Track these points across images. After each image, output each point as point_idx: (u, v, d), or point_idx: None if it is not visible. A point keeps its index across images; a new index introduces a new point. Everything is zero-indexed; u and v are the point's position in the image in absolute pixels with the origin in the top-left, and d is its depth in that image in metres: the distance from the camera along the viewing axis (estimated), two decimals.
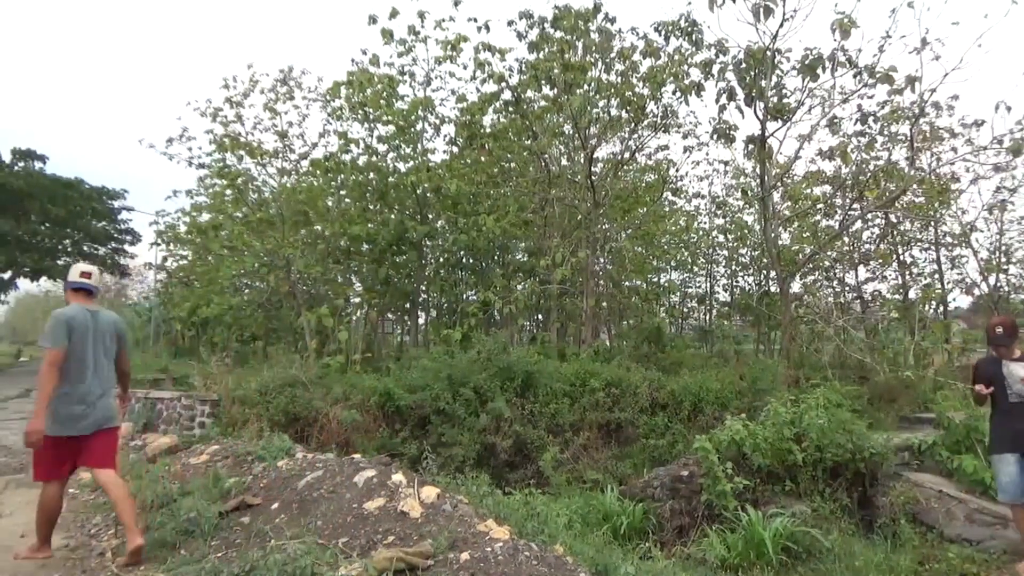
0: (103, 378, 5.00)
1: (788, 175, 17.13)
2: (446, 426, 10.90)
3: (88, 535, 5.53)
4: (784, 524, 6.66)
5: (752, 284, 24.21)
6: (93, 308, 5.12)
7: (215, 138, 16.65)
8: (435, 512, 4.70)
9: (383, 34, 16.02)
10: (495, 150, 17.17)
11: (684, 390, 12.21)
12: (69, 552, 5.12)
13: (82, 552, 5.09)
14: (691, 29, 14.69)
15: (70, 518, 6.06)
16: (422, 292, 20.32)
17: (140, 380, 13.40)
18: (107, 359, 5.08)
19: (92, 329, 4.94)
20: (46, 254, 28.71)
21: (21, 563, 4.82)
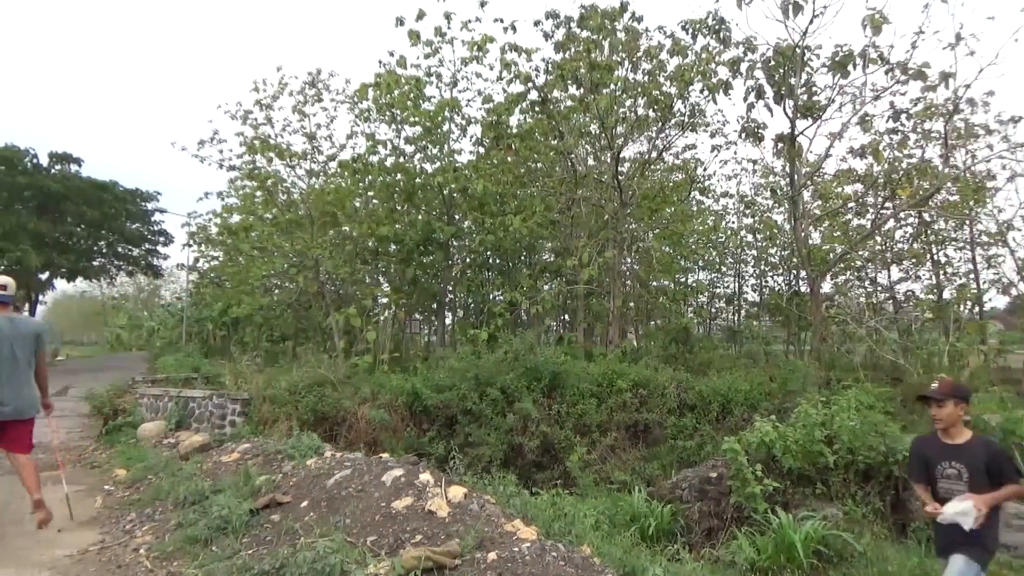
0: (19, 376, 5.42)
1: (818, 173, 16.92)
2: (473, 426, 10.93)
3: (123, 531, 5.63)
4: (815, 527, 6.57)
5: (782, 284, 24.00)
6: (10, 316, 5.57)
7: (245, 140, 16.84)
8: (462, 512, 4.72)
9: (410, 36, 16.10)
10: (521, 150, 17.16)
11: (712, 391, 12.12)
12: (104, 547, 5.21)
13: (117, 548, 5.18)
14: (719, 27, 14.58)
15: (105, 515, 6.18)
16: (449, 292, 20.39)
17: (172, 379, 13.62)
18: (24, 360, 5.50)
19: (8, 334, 5.39)
20: (82, 255, 29.30)
21: (57, 557, 4.93)
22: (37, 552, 5.06)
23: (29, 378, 5.59)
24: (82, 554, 5.03)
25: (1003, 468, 4.19)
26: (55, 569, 4.70)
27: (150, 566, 4.70)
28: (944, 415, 4.39)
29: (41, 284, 30.15)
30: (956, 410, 4.36)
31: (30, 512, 6.07)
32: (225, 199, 21.70)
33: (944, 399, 4.37)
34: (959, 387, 4.51)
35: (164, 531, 5.46)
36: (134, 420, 10.88)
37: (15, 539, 5.39)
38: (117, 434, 10.39)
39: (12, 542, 5.31)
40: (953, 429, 4.40)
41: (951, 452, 4.38)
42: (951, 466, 4.34)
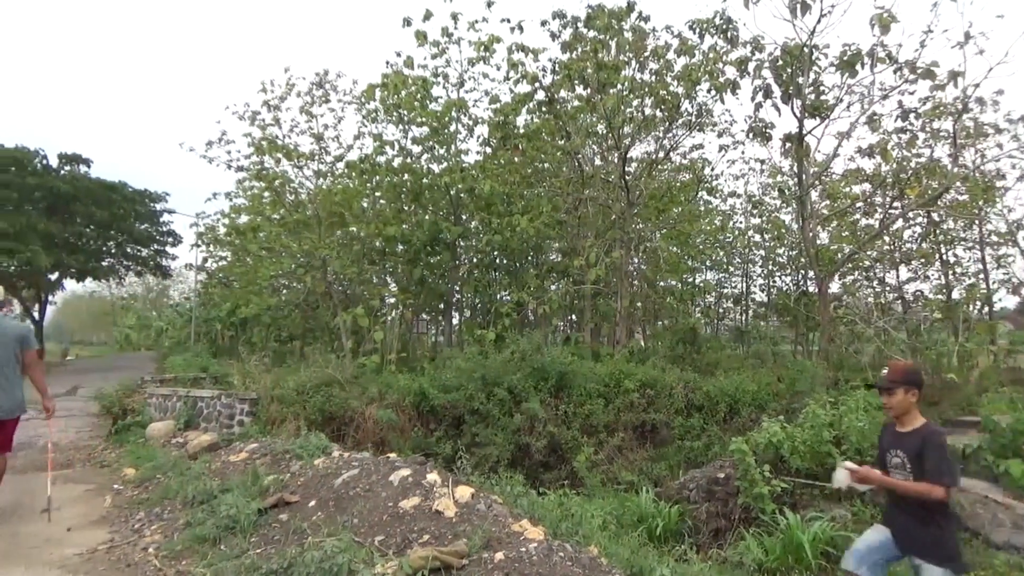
0: (5, 379, 5.75)
1: (826, 173, 16.85)
2: (480, 426, 10.94)
3: (132, 530, 5.66)
4: (823, 528, 6.56)
5: (789, 284, 23.90)
6: None
7: (253, 141, 16.89)
8: (469, 512, 4.72)
9: (417, 36, 16.13)
10: (528, 150, 17.17)
11: (720, 391, 12.10)
12: (113, 546, 5.24)
13: (126, 547, 5.21)
14: (726, 26, 14.55)
15: (115, 514, 6.21)
16: (456, 292, 20.41)
17: (181, 379, 13.68)
18: (11, 362, 5.83)
19: None
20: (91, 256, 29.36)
21: (67, 555, 4.96)
22: (47, 551, 5.10)
23: (13, 379, 5.85)
24: (91, 553, 5.06)
25: (925, 462, 4.00)
26: (65, 568, 4.73)
27: (159, 565, 4.72)
28: (894, 403, 4.24)
29: (51, 284, 30.25)
30: (907, 397, 4.19)
31: (40, 511, 6.14)
32: (233, 200, 21.78)
33: (893, 387, 4.22)
34: (909, 373, 4.31)
35: (173, 530, 5.49)
36: (143, 420, 10.94)
37: (25, 538, 5.43)
38: (126, 433, 10.45)
39: (22, 541, 5.35)
40: (906, 417, 4.24)
41: (899, 440, 4.26)
42: (896, 455, 4.22)
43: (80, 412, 13.02)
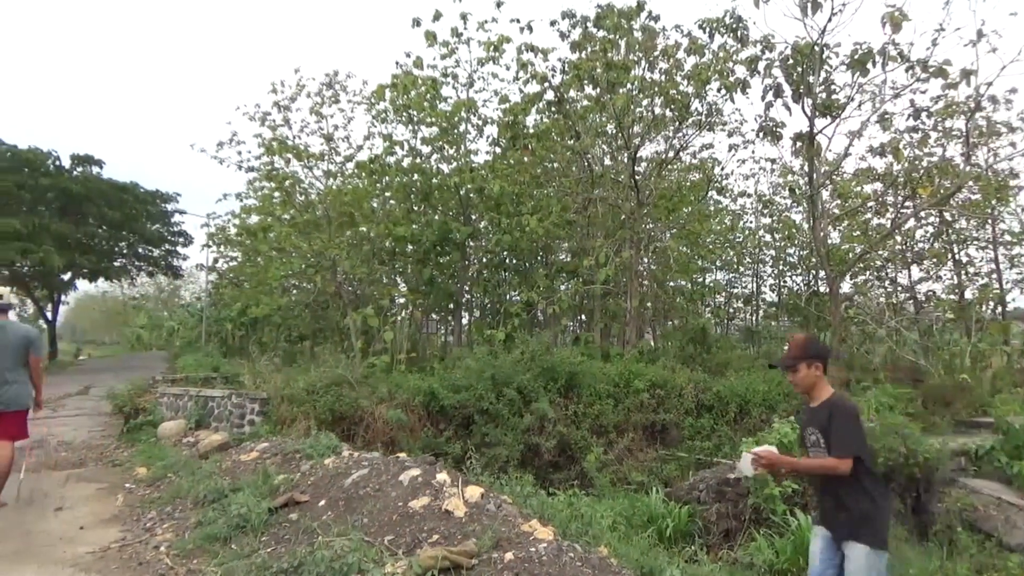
0: (7, 373, 6.23)
1: (837, 172, 16.76)
2: (490, 426, 10.94)
3: (144, 529, 5.69)
4: None
5: (800, 284, 23.80)
6: (3, 323, 6.39)
7: (263, 142, 16.98)
8: (479, 512, 4.72)
9: (426, 37, 16.15)
10: (538, 150, 17.15)
11: (730, 392, 12.07)
12: (125, 545, 5.27)
13: (138, 546, 5.24)
14: (736, 25, 14.49)
15: (126, 512, 6.25)
16: (466, 292, 20.41)
17: (192, 378, 13.75)
18: (13, 361, 6.31)
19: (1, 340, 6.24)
20: (103, 256, 29.55)
21: (79, 554, 4.99)
22: (60, 549, 5.13)
23: (21, 377, 6.38)
24: (104, 551, 5.09)
25: (830, 436, 3.81)
26: (77, 566, 4.76)
27: (170, 563, 4.75)
28: (799, 379, 4.06)
29: (64, 284, 30.47)
30: (810, 372, 4.00)
31: (53, 509, 6.19)
32: (243, 200, 21.89)
33: (795, 363, 4.03)
34: (809, 346, 4.10)
35: (184, 529, 5.52)
36: (154, 419, 11.00)
37: (38, 536, 5.47)
38: (138, 433, 10.51)
39: (35, 539, 5.39)
40: (814, 391, 4.05)
41: (811, 417, 4.07)
42: (812, 432, 4.02)
43: (92, 411, 13.11)
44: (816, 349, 4.09)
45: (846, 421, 3.79)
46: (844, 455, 3.72)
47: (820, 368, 4.03)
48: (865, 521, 3.75)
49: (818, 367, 4.02)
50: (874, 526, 3.76)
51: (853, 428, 3.78)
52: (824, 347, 4.21)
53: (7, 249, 22.62)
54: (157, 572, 4.61)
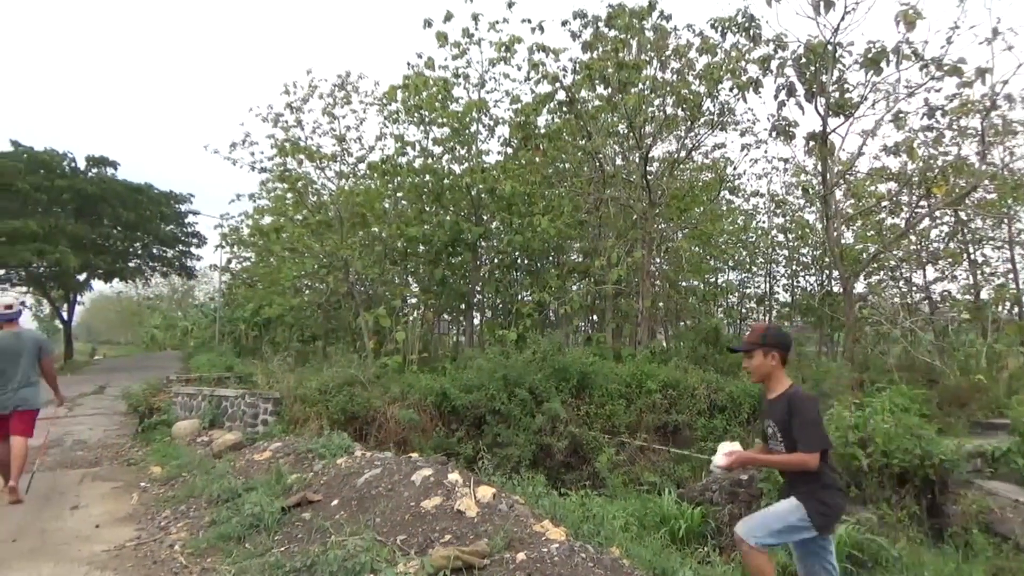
0: (21, 377, 6.73)
1: (851, 172, 16.66)
2: (501, 426, 10.94)
3: (159, 527, 5.72)
4: (849, 531, 6.47)
5: (814, 284, 23.70)
6: (16, 331, 6.90)
7: (276, 143, 17.06)
8: (491, 512, 4.72)
9: (438, 37, 16.18)
10: (549, 150, 17.16)
11: (743, 392, 12.02)
12: (140, 543, 5.31)
13: (153, 544, 5.27)
14: (748, 25, 14.44)
15: (141, 511, 6.30)
16: (477, 293, 20.44)
17: (206, 378, 13.83)
18: (28, 365, 6.80)
19: (15, 346, 6.77)
20: (118, 256, 29.80)
21: (95, 552, 5.03)
22: (76, 547, 5.17)
23: (33, 379, 6.86)
24: (119, 549, 5.13)
25: (792, 431, 3.72)
26: (93, 564, 4.79)
27: (185, 562, 4.77)
28: (753, 366, 3.95)
29: (79, 285, 30.75)
30: (766, 360, 3.89)
31: (69, 508, 6.26)
32: (256, 201, 22.00)
33: (751, 348, 3.92)
34: (768, 333, 3.96)
35: (198, 528, 5.55)
36: (169, 418, 11.07)
37: (54, 534, 5.52)
38: (152, 432, 10.58)
39: (51, 537, 5.43)
40: (770, 382, 3.94)
41: (769, 409, 3.96)
42: (769, 425, 3.95)
43: (108, 411, 13.22)
44: (775, 338, 3.95)
45: (810, 415, 3.71)
46: (811, 450, 3.65)
47: (777, 358, 3.91)
48: (817, 505, 3.72)
49: (775, 356, 3.90)
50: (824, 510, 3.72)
51: (817, 422, 3.71)
52: (784, 337, 4.03)
53: (24, 250, 22.86)
54: (171, 570, 4.63)
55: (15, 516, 6.08)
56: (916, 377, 13.26)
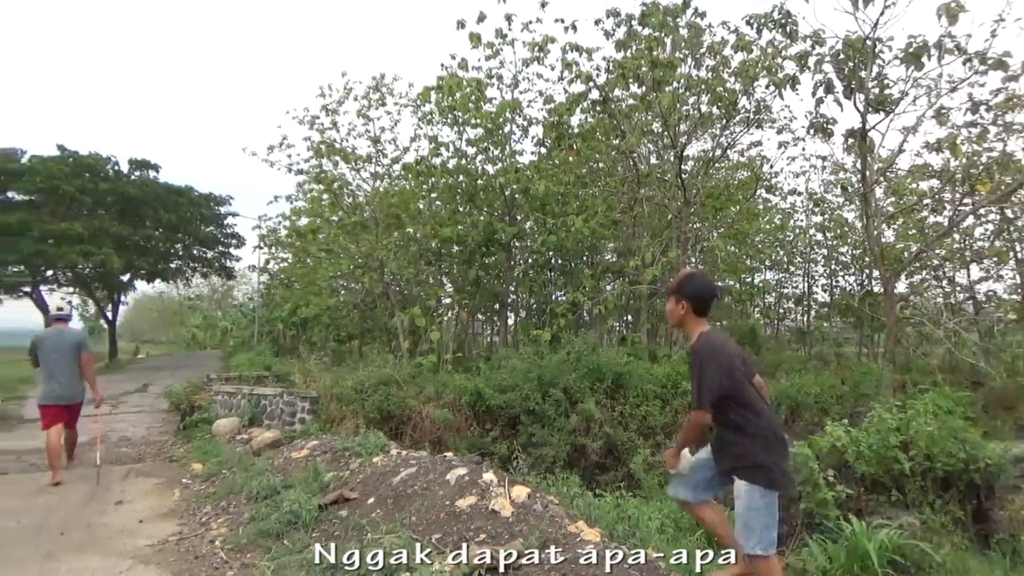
0: (65, 373, 7.51)
1: (891, 169, 16.31)
2: (536, 426, 10.95)
3: (200, 523, 5.84)
4: (891, 536, 6.34)
5: (853, 284, 23.26)
6: (60, 329, 7.72)
7: (312, 145, 17.26)
8: (525, 512, 4.73)
9: (471, 38, 16.23)
10: (583, 150, 17.10)
11: (781, 394, 11.85)
12: (183, 538, 5.42)
13: (194, 539, 5.38)
14: (785, 21, 14.22)
15: (183, 507, 6.43)
16: (511, 293, 20.47)
17: (245, 377, 14.08)
18: (70, 362, 7.57)
19: (57, 343, 7.53)
20: (160, 258, 30.48)
21: (139, 546, 5.16)
22: (120, 541, 5.30)
23: (74, 374, 7.61)
24: (162, 544, 5.24)
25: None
26: (137, 558, 4.91)
27: (225, 557, 4.86)
28: (668, 312, 3.89)
29: (123, 285, 31.52)
30: (676, 308, 3.78)
31: (114, 503, 6.42)
32: (293, 202, 22.32)
33: (669, 294, 3.85)
34: (682, 281, 3.85)
35: (238, 524, 5.64)
36: (209, 416, 11.28)
37: (100, 528, 5.66)
38: (194, 429, 10.80)
39: (98, 531, 5.58)
40: (686, 330, 3.82)
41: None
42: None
43: (150, 408, 13.54)
44: (687, 287, 3.82)
45: (695, 369, 3.57)
46: (694, 407, 3.55)
47: (686, 307, 3.78)
48: (751, 465, 3.60)
49: (684, 306, 3.78)
50: (760, 469, 3.59)
51: (700, 375, 3.53)
52: (696, 288, 3.84)
53: (70, 251, 23.49)
54: (212, 566, 4.73)
55: (63, 510, 6.26)
56: (960, 379, 12.97)
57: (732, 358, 3.66)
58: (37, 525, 5.76)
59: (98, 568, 4.68)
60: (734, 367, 3.62)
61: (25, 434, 11.09)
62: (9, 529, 5.65)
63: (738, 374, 3.63)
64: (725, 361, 3.59)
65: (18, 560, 4.85)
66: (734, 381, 3.60)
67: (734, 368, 3.61)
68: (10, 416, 13.05)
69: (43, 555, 4.95)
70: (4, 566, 4.74)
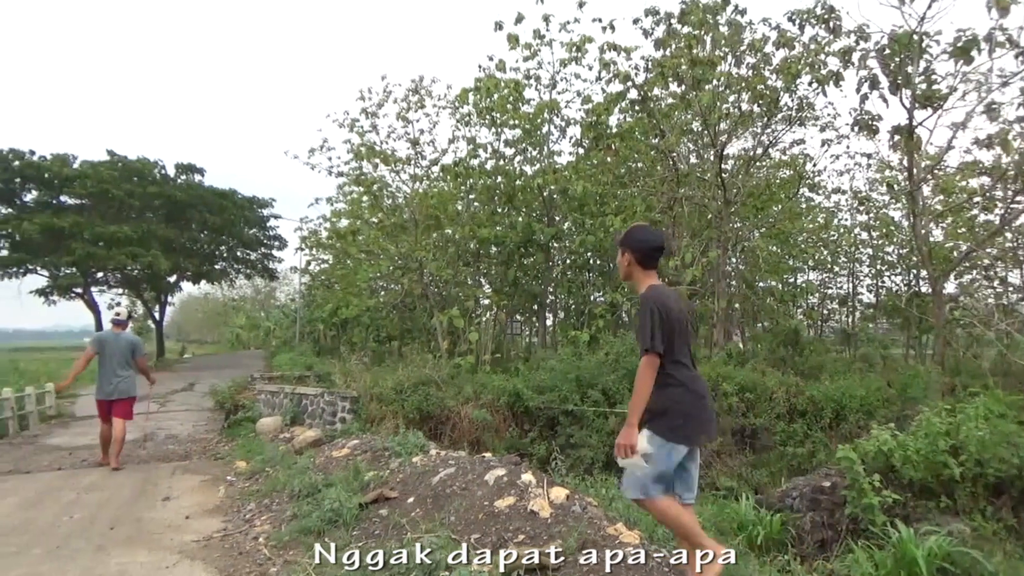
0: (120, 371, 8.43)
1: (940, 167, 15.88)
2: (574, 427, 10.92)
3: (244, 520, 5.95)
4: (940, 543, 6.18)
5: (900, 284, 22.72)
6: (117, 333, 8.71)
7: (352, 147, 17.48)
8: (564, 513, 4.71)
9: (509, 40, 16.27)
10: (621, 150, 17.01)
11: (825, 397, 11.62)
12: (227, 535, 5.54)
13: (239, 536, 5.49)
14: (828, 16, 13.96)
15: (227, 504, 6.56)
16: (549, 293, 20.46)
17: (287, 377, 14.31)
18: (125, 361, 8.51)
19: (114, 344, 8.47)
20: (205, 259, 31.17)
21: (185, 542, 5.28)
22: (168, 537, 5.43)
23: (129, 373, 8.55)
24: (207, 540, 5.36)
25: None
26: (183, 553, 5.03)
27: (268, 554, 4.95)
28: (617, 264, 3.86)
29: (169, 286, 32.29)
30: (622, 260, 3.74)
31: (162, 499, 6.59)
32: (334, 204, 22.62)
33: (618, 246, 3.79)
34: (628, 233, 3.78)
35: (280, 521, 5.74)
36: (253, 415, 11.50)
37: (148, 523, 5.81)
38: (238, 428, 11.02)
39: (146, 526, 5.72)
40: (634, 283, 3.78)
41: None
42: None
43: (196, 407, 13.85)
44: (630, 238, 3.76)
45: (644, 314, 3.53)
46: (644, 349, 3.48)
47: (630, 258, 3.72)
48: (656, 412, 3.53)
49: (628, 259, 3.73)
50: (664, 416, 3.53)
51: (651, 319, 3.48)
52: (639, 239, 3.77)
53: (120, 253, 24.16)
54: (256, 562, 4.81)
55: (113, 505, 6.45)
56: (1013, 382, 12.55)
57: (679, 313, 3.64)
58: (89, 519, 5.94)
59: (146, 562, 4.80)
60: (675, 322, 3.58)
61: (78, 431, 11.44)
62: (63, 523, 5.84)
63: (677, 330, 3.59)
64: (670, 314, 3.57)
65: (72, 552, 5.01)
66: (672, 335, 3.57)
67: (674, 323, 3.57)
68: (64, 414, 13.47)
69: (95, 548, 5.11)
70: (60, 557, 4.90)
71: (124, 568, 4.66)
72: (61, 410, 13.70)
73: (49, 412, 13.17)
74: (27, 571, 4.62)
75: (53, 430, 11.76)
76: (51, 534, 5.51)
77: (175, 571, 4.61)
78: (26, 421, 11.96)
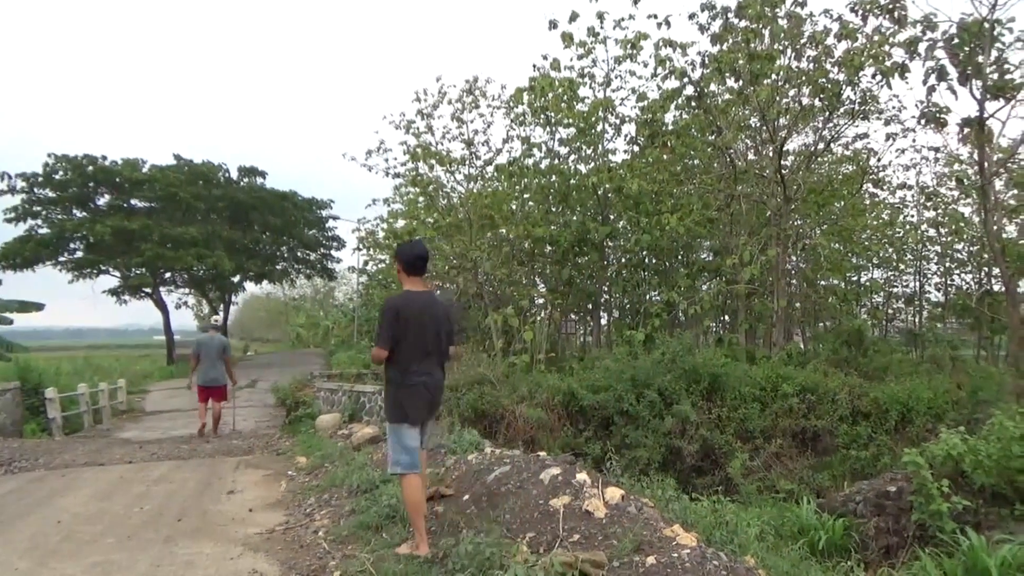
0: (216, 365, 11.15)
1: (1013, 160, 15.22)
2: (630, 427, 10.84)
3: (304, 514, 6.09)
4: (1015, 552, 5.92)
5: (970, 283, 21.87)
6: (215, 335, 11.41)
7: (408, 148, 17.68)
8: (619, 514, 4.68)
9: (563, 38, 16.23)
10: (677, 147, 16.80)
11: (890, 398, 11.26)
12: (288, 528, 5.68)
13: (299, 529, 5.62)
14: (893, 6, 13.49)
15: (289, 498, 6.73)
16: (604, 292, 20.34)
17: (346, 375, 14.58)
18: (218, 358, 11.19)
19: (210, 345, 11.14)
20: (267, 260, 32.01)
21: (249, 534, 5.43)
22: (232, 529, 5.61)
23: (221, 366, 11.22)
24: (270, 533, 5.51)
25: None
26: (247, 545, 5.17)
27: (327, 548, 5.05)
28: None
29: (233, 286, 33.27)
30: (395, 267, 4.68)
31: (226, 492, 6.80)
32: (390, 205, 22.94)
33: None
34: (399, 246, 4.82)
35: (339, 516, 5.85)
36: (312, 412, 11.78)
37: (213, 516, 6.00)
38: (298, 424, 11.30)
39: (211, 518, 5.92)
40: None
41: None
42: None
43: (259, 403, 14.25)
44: (400, 250, 4.73)
45: (381, 316, 4.49)
46: (374, 344, 4.50)
47: (399, 267, 4.62)
48: (386, 401, 4.61)
49: (397, 266, 4.64)
50: (388, 404, 4.58)
51: (381, 322, 4.42)
52: (405, 250, 4.68)
53: (186, 254, 25.01)
54: (316, 555, 4.92)
55: (181, 497, 6.69)
56: None
57: (416, 318, 4.41)
58: (158, 511, 6.17)
59: (211, 553, 4.96)
60: (410, 327, 4.37)
61: (148, 425, 11.92)
62: (134, 514, 6.08)
63: (412, 334, 4.38)
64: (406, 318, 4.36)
65: (143, 542, 5.22)
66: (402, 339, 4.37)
67: (409, 328, 4.36)
68: (135, 408, 14.02)
69: (163, 539, 5.30)
70: (132, 547, 5.10)
71: (191, 559, 4.82)
72: (132, 405, 14.26)
73: (121, 407, 13.71)
74: (102, 558, 4.82)
75: (124, 424, 12.28)
76: (123, 524, 5.74)
77: (239, 563, 4.74)
78: (100, 415, 12.49)
